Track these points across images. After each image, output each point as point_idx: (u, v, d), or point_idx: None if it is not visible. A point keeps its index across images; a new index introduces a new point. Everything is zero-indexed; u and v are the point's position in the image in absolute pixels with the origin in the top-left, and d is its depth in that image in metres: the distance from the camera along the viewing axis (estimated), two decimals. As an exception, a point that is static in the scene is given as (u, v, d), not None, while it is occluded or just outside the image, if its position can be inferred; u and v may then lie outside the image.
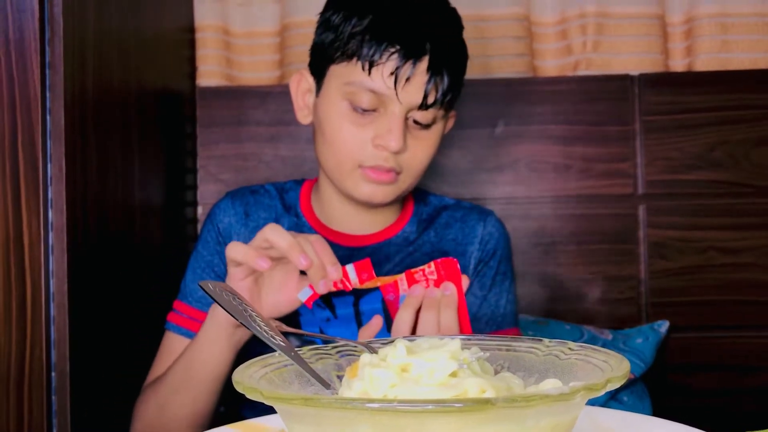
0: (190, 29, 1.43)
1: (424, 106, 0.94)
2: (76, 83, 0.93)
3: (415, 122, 0.96)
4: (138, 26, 1.16)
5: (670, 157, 1.36)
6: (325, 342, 0.55)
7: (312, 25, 1.03)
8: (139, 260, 1.14)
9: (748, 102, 1.36)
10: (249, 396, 0.44)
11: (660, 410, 1.27)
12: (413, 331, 0.82)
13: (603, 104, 1.38)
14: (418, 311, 0.83)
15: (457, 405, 0.41)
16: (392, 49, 0.92)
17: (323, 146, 0.98)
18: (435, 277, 0.83)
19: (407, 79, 0.92)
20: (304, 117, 1.03)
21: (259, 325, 0.51)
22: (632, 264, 1.36)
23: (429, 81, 0.93)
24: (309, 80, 1.01)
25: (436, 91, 0.94)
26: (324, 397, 0.46)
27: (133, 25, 1.13)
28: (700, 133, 1.37)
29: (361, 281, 0.83)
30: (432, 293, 0.82)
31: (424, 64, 0.93)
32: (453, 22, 1.00)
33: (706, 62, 1.38)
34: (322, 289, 0.82)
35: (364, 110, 0.94)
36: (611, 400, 1.22)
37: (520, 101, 1.38)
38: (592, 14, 1.40)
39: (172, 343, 1.00)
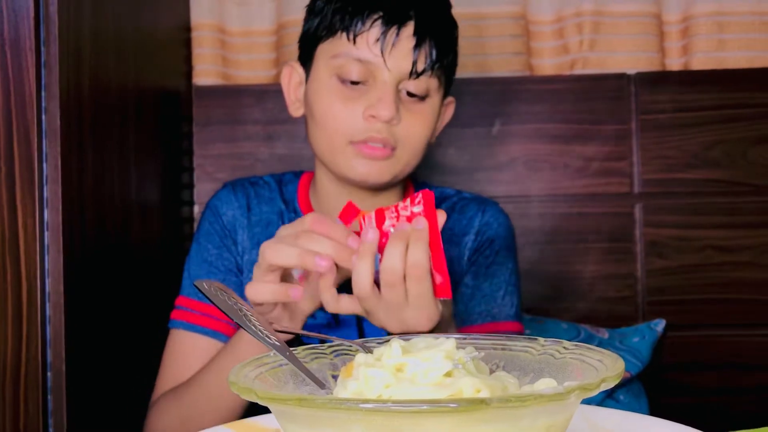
0: (187, 28, 1.42)
1: (414, 73, 0.93)
2: (72, 82, 0.93)
3: (409, 94, 0.95)
4: (134, 25, 1.15)
5: (667, 156, 1.36)
6: (321, 341, 0.55)
7: (308, 24, 1.03)
8: (135, 259, 1.14)
9: (745, 101, 1.36)
10: (243, 396, 0.44)
11: (657, 409, 1.27)
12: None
13: (599, 103, 1.38)
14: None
15: (451, 405, 0.41)
16: (375, 16, 0.92)
17: (314, 129, 0.97)
18: (408, 213, 0.74)
19: (393, 45, 0.92)
20: (296, 110, 1.02)
21: (254, 325, 0.50)
22: (629, 263, 1.36)
23: (416, 47, 0.92)
24: (299, 71, 1.01)
25: (426, 58, 0.93)
26: (318, 397, 0.46)
27: (129, 24, 1.13)
28: (696, 132, 1.37)
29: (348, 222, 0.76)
30: (401, 226, 0.73)
31: (409, 29, 0.93)
32: None
33: (702, 61, 1.38)
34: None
35: (353, 83, 0.93)
36: (608, 398, 1.22)
37: (517, 100, 1.38)
38: (588, 13, 1.40)
39: (182, 341, 0.99)
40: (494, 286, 1.02)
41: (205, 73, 1.42)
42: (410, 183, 1.07)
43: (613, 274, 1.36)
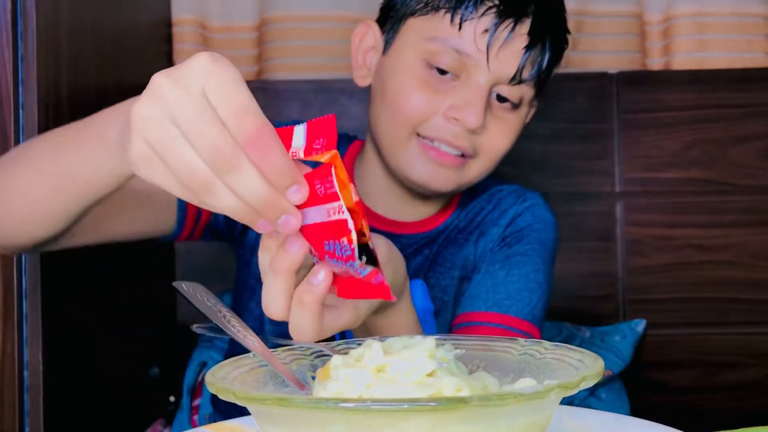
0: (168, 23, 1.41)
1: (517, 78, 0.81)
2: (50, 78, 0.92)
3: (500, 99, 0.83)
4: (114, 20, 1.14)
5: (648, 155, 1.37)
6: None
7: (290, 20, 0.99)
8: (114, 257, 1.13)
9: (725, 101, 1.37)
10: (221, 397, 0.43)
11: (637, 407, 1.28)
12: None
13: (581, 102, 1.38)
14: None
15: (431, 404, 0.40)
16: (490, 3, 0.79)
17: (381, 109, 0.84)
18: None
19: (503, 42, 0.79)
20: (362, 78, 0.89)
21: (233, 326, 0.50)
22: (610, 261, 1.36)
23: (528, 48, 0.80)
24: (376, 35, 0.87)
25: (533, 64, 0.81)
26: (298, 397, 0.46)
27: (108, 18, 1.12)
28: (677, 132, 1.37)
29: (309, 151, 0.46)
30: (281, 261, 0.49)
31: (524, 27, 0.80)
32: None
33: (683, 61, 1.39)
34: (295, 197, 0.47)
35: (443, 73, 0.81)
36: (590, 396, 1.22)
37: (500, 98, 1.38)
38: (571, 12, 1.39)
39: None
40: (511, 276, 0.88)
41: (186, 70, 1.41)
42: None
43: (595, 272, 1.36)
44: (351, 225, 0.46)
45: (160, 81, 0.46)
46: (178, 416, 1.17)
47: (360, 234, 0.46)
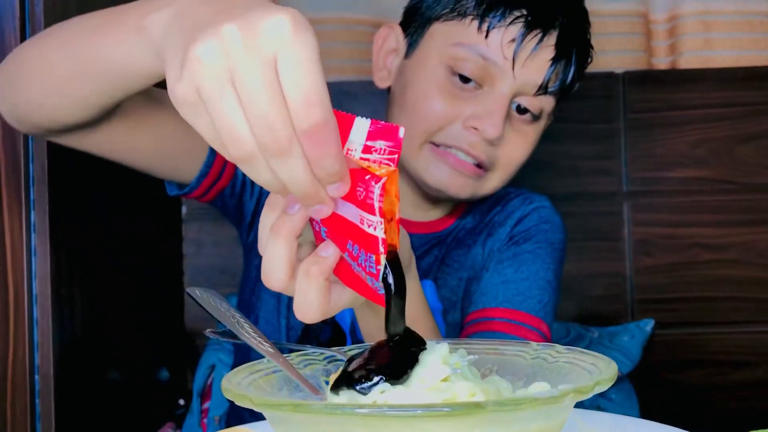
0: (174, 27, 1.41)
1: (542, 90, 0.81)
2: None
3: (520, 110, 0.83)
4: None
5: (655, 155, 1.37)
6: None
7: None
8: (124, 260, 1.13)
9: (731, 99, 1.37)
10: (239, 403, 0.43)
11: (647, 407, 1.28)
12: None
13: (587, 102, 1.38)
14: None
15: (446, 409, 0.41)
16: (518, 13, 0.79)
17: (400, 113, 0.83)
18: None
19: (530, 53, 0.79)
20: (381, 80, 0.88)
21: (247, 332, 0.50)
22: (617, 261, 1.36)
23: (555, 60, 0.80)
24: (399, 38, 0.87)
25: (559, 76, 0.82)
26: (314, 402, 0.46)
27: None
28: (684, 131, 1.37)
29: (367, 152, 0.44)
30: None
31: (551, 39, 0.81)
32: (583, 6, 0.88)
33: (689, 60, 1.39)
34: (335, 192, 0.45)
35: (466, 81, 0.81)
36: (600, 397, 1.22)
37: (506, 99, 1.38)
38: (576, 12, 1.40)
39: None
40: (520, 273, 0.88)
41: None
42: None
43: (602, 272, 1.36)
44: (383, 248, 0.45)
45: (231, 30, 0.41)
46: (188, 419, 1.18)
47: (389, 254, 0.45)
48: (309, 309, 0.49)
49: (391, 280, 0.46)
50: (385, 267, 0.45)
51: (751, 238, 1.36)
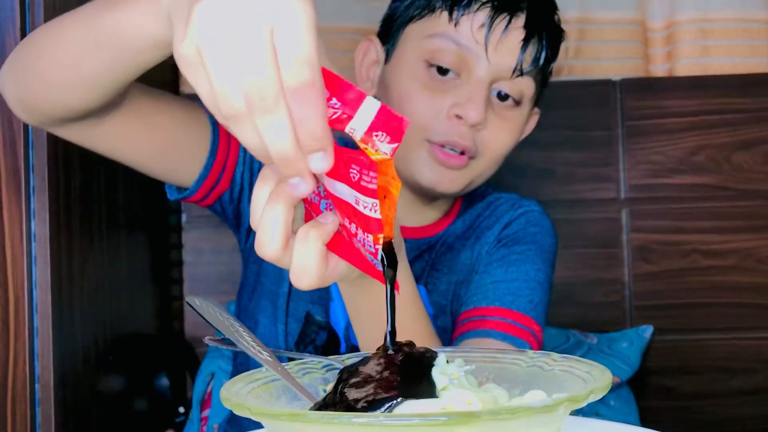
0: (173, 36, 1.42)
1: (517, 70, 0.83)
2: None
3: (501, 97, 0.86)
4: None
5: (653, 162, 1.38)
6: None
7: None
8: (124, 271, 1.13)
9: (729, 106, 1.37)
10: (237, 412, 0.44)
11: (646, 413, 1.28)
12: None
13: (585, 109, 1.38)
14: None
15: (442, 418, 0.41)
16: (483, 0, 0.83)
17: None
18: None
19: (500, 36, 0.82)
20: (365, 90, 0.89)
21: (246, 341, 0.51)
22: (616, 268, 1.37)
23: (525, 41, 0.83)
24: (377, 48, 0.91)
25: (531, 58, 0.84)
26: (311, 412, 0.47)
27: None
28: (681, 138, 1.38)
29: (368, 138, 0.44)
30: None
31: (519, 21, 0.84)
32: None
33: (686, 67, 1.39)
34: (317, 165, 0.45)
35: (443, 72, 0.83)
36: (599, 403, 1.23)
37: (504, 107, 1.39)
38: (573, 20, 1.41)
39: None
40: (510, 274, 0.89)
41: (192, 81, 1.41)
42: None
43: (601, 279, 1.37)
44: (379, 229, 0.46)
45: None
46: (188, 427, 1.18)
47: (385, 245, 0.47)
48: (306, 273, 0.49)
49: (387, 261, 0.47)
50: (382, 253, 0.47)
51: (750, 244, 1.36)
